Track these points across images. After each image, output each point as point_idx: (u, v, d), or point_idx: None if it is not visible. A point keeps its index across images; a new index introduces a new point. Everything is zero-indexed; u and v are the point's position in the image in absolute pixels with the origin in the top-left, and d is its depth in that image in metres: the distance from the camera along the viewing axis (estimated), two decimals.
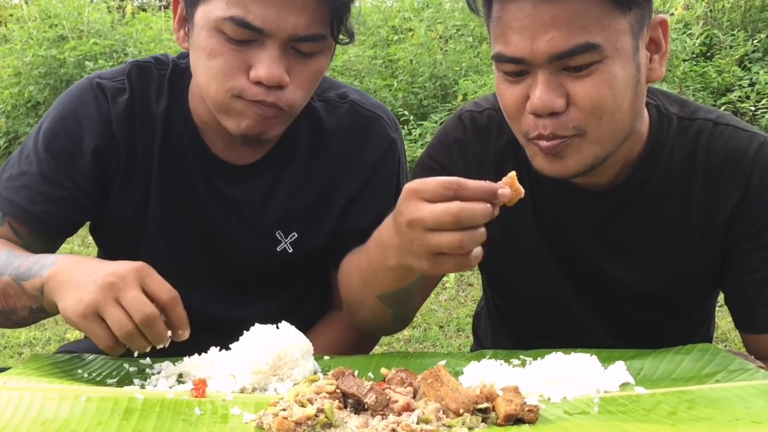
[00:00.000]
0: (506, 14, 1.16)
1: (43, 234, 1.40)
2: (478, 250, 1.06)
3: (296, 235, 1.48)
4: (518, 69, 1.18)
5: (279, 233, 1.48)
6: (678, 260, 1.35)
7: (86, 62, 6.54)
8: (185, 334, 1.13)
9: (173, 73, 1.45)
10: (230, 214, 1.46)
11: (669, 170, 1.32)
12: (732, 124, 1.32)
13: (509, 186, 1.06)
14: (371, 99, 1.56)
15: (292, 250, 1.48)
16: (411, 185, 1.07)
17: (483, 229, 1.05)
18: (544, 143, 1.20)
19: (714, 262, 1.35)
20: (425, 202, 1.04)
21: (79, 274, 1.13)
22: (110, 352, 1.11)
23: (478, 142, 1.41)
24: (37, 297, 1.20)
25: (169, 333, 1.11)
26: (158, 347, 1.11)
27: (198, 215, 1.46)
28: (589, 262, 1.38)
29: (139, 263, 1.13)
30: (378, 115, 1.51)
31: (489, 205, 1.03)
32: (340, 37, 1.31)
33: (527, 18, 1.14)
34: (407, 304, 1.35)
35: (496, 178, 1.35)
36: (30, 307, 1.24)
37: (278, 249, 1.48)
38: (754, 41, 5.63)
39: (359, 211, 1.48)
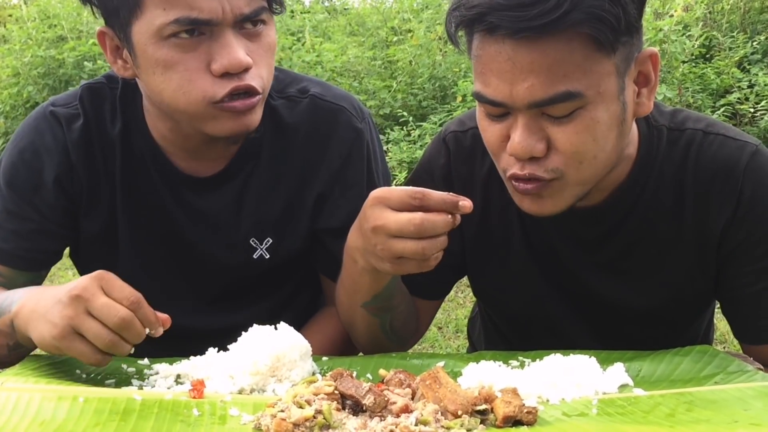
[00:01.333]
0: (485, 55, 1.11)
1: (23, 269, 1.39)
2: (438, 254, 1.11)
3: (271, 241, 1.45)
4: (500, 111, 1.15)
5: (253, 240, 1.44)
6: (672, 277, 1.33)
7: (85, 63, 6.53)
8: (159, 331, 1.12)
9: (124, 91, 1.41)
10: (202, 226, 1.43)
11: (660, 186, 1.29)
12: (722, 133, 1.27)
13: None
14: (334, 89, 1.49)
15: (269, 256, 1.45)
16: (377, 193, 1.12)
17: (444, 237, 1.10)
18: (521, 185, 1.18)
19: (709, 277, 1.33)
20: (390, 210, 1.10)
21: (44, 302, 1.12)
22: (98, 365, 1.10)
23: (464, 166, 1.39)
24: (11, 333, 1.19)
25: (147, 330, 1.11)
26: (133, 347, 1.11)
27: (169, 231, 1.43)
28: (580, 281, 1.36)
29: (97, 272, 1.12)
30: (341, 106, 1.45)
31: (449, 217, 1.08)
32: (274, 6, 1.28)
33: (506, 62, 1.09)
34: (392, 313, 1.34)
35: (483, 202, 1.37)
36: (7, 345, 1.23)
37: (255, 257, 1.45)
38: (754, 43, 5.62)
39: (332, 209, 1.45)
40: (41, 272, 1.44)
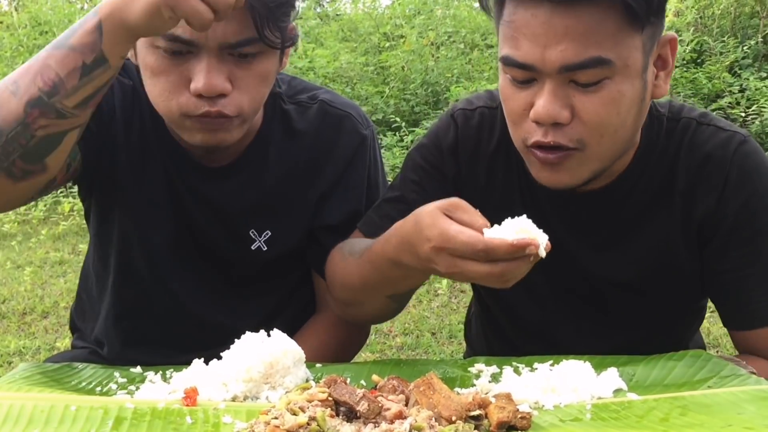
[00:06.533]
0: (519, 19, 1.14)
1: None
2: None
3: (270, 233, 1.50)
4: (526, 76, 1.17)
5: (253, 232, 1.49)
6: (659, 256, 1.35)
7: None
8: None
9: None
10: (207, 214, 1.48)
11: (657, 170, 1.33)
12: (714, 123, 1.33)
13: None
14: (342, 98, 1.57)
15: (266, 249, 1.50)
16: (438, 242, 1.07)
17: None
18: (541, 154, 1.20)
19: (693, 255, 1.35)
20: (461, 259, 1.07)
21: None
22: (199, 19, 1.10)
23: (471, 142, 1.42)
24: (94, 43, 1.16)
25: None
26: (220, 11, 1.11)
27: (176, 215, 1.48)
28: (573, 261, 1.39)
29: None
30: (348, 113, 1.53)
31: (529, 258, 1.05)
32: (270, 40, 1.27)
33: (541, 26, 1.12)
34: (411, 295, 1.40)
35: (488, 178, 1.41)
36: (82, 65, 1.18)
37: (253, 248, 1.49)
38: (744, 48, 5.66)
39: (331, 208, 1.51)
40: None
